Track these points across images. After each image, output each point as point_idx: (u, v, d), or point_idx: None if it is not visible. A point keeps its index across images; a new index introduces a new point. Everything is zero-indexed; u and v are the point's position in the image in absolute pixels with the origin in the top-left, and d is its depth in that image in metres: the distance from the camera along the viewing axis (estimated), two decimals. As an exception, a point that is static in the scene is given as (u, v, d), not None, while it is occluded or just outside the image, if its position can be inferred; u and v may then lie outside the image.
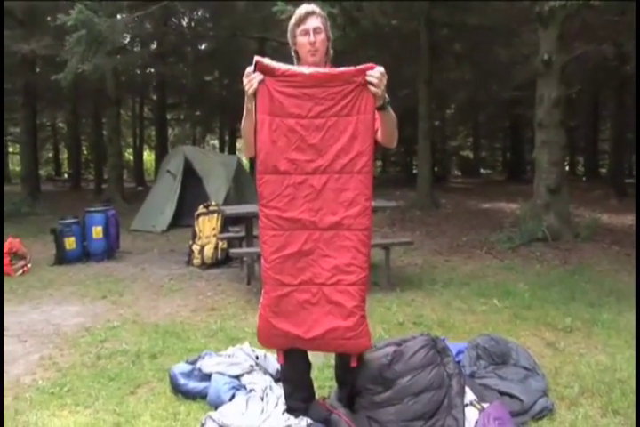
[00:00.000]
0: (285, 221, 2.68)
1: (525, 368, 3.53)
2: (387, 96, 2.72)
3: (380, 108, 2.69)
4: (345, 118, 2.66)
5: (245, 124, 2.79)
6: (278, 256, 2.69)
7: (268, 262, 2.72)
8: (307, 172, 2.69)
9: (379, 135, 2.81)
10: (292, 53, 2.97)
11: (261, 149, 2.68)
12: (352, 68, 2.63)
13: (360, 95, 2.64)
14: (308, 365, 3.04)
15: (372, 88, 2.61)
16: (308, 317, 2.71)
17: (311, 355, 3.06)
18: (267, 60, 2.66)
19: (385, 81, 2.63)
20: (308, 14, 2.86)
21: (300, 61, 2.93)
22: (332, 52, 2.97)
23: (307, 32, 2.84)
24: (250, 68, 2.65)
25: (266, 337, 2.80)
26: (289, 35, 2.93)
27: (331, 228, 2.70)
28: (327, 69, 2.72)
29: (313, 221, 2.70)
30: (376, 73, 2.60)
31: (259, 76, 2.63)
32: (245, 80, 2.66)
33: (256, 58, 2.66)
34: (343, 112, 2.66)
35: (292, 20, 2.90)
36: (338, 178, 2.69)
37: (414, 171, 23.52)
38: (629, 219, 11.46)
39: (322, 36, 2.86)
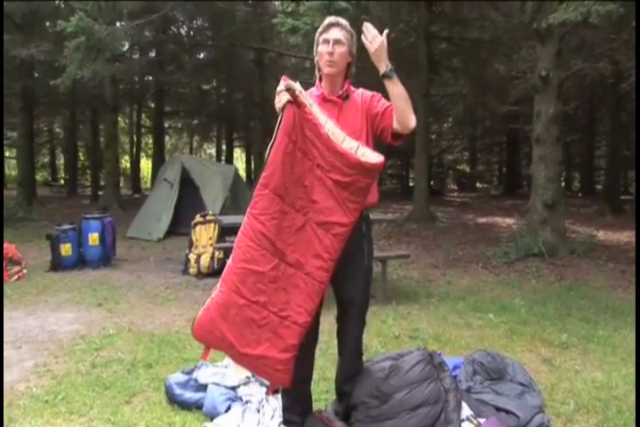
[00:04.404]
0: (265, 239, 2.69)
1: (521, 384, 3.53)
2: (389, 64, 2.74)
3: (384, 76, 2.73)
4: (338, 190, 2.72)
5: None
6: (246, 267, 2.69)
7: (235, 267, 2.71)
8: (294, 206, 2.73)
9: (393, 120, 2.85)
10: (315, 63, 2.96)
11: (270, 165, 2.69)
12: (358, 160, 2.68)
13: (356, 184, 2.71)
14: (310, 379, 3.04)
15: (366, 43, 2.70)
16: (249, 335, 2.72)
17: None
18: (297, 86, 2.67)
19: (379, 42, 2.70)
20: (332, 25, 2.86)
21: (319, 71, 2.95)
22: (354, 69, 2.96)
23: (327, 41, 2.84)
24: (281, 87, 2.67)
25: (204, 332, 2.75)
26: (314, 43, 2.93)
27: (294, 266, 2.74)
28: (338, 146, 2.69)
29: (284, 252, 2.72)
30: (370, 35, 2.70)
31: (287, 96, 2.65)
32: (277, 97, 2.69)
33: (283, 78, 2.69)
34: (338, 184, 2.72)
35: (319, 29, 2.90)
36: (315, 228, 2.74)
37: (411, 184, 23.56)
38: (625, 235, 11.52)
39: (342, 49, 2.84)
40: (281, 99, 2.66)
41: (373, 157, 2.73)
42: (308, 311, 2.74)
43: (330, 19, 2.89)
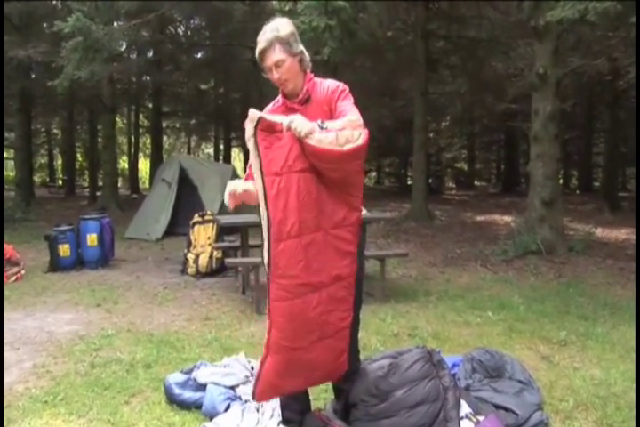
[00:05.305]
0: (300, 287, 2.59)
1: (520, 382, 3.53)
2: (319, 123, 2.55)
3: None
4: (336, 190, 2.66)
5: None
6: (291, 326, 2.63)
7: (280, 332, 2.63)
8: (309, 231, 2.59)
9: None
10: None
11: (275, 217, 2.51)
12: (342, 151, 2.48)
13: (348, 172, 2.65)
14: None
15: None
16: (312, 372, 2.79)
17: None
18: (257, 114, 2.51)
19: (293, 126, 2.49)
20: (265, 51, 2.74)
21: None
22: (307, 57, 2.86)
23: (269, 69, 2.78)
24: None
25: (269, 394, 2.83)
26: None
27: (332, 282, 2.69)
28: (317, 148, 2.49)
29: (321, 280, 2.64)
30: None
31: (251, 125, 2.50)
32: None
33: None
34: (334, 183, 2.65)
35: (257, 54, 2.78)
36: (332, 233, 2.67)
37: (409, 182, 23.55)
38: (623, 232, 11.53)
39: (286, 65, 2.76)
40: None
41: (358, 138, 2.53)
42: (351, 308, 2.79)
43: (261, 42, 2.74)
